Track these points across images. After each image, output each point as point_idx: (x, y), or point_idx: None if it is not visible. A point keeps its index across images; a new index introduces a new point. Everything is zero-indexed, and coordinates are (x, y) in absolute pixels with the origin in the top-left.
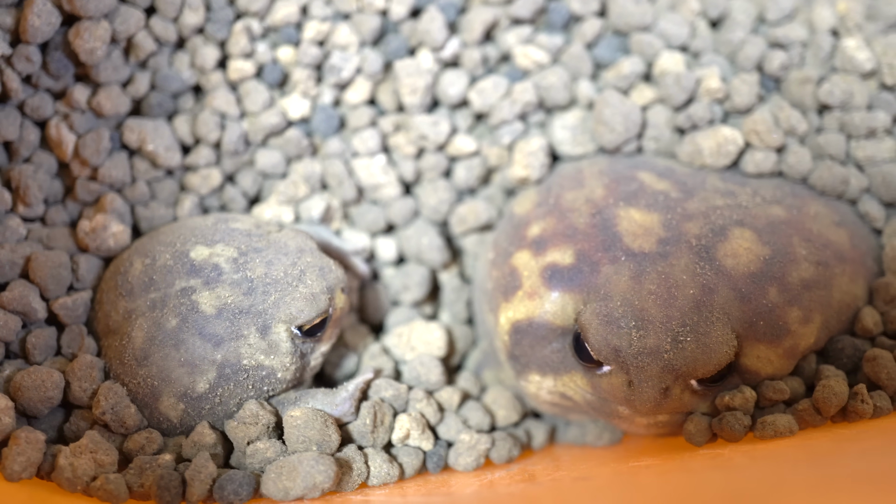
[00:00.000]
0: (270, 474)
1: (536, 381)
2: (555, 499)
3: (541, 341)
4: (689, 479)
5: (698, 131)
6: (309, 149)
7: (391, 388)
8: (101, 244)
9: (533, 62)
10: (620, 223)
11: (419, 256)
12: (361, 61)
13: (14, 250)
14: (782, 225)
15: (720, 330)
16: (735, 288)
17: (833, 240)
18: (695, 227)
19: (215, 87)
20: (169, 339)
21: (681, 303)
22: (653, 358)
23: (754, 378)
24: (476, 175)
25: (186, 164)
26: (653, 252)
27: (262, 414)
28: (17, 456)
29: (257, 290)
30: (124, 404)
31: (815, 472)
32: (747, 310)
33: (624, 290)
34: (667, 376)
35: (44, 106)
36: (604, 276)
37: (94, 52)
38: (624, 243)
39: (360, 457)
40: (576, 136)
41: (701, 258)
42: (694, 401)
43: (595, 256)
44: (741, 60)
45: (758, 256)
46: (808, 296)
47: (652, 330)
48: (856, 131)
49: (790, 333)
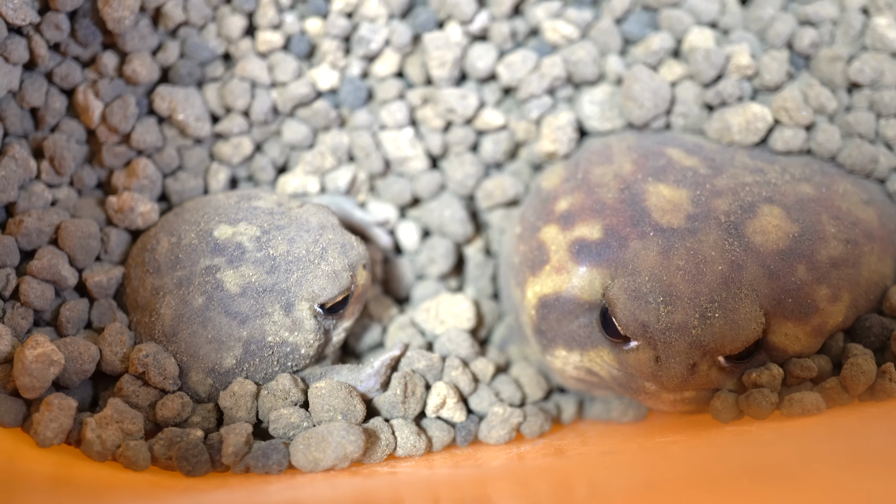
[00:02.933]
0: (299, 445)
1: (563, 356)
2: (582, 473)
3: (567, 316)
4: (715, 455)
5: (727, 108)
6: (337, 120)
7: (424, 359)
8: (129, 224)
9: (562, 36)
10: (649, 198)
11: (442, 229)
12: (390, 33)
13: (41, 218)
14: (811, 202)
15: (749, 307)
16: (764, 265)
17: (862, 218)
18: (724, 204)
19: (245, 55)
20: (196, 316)
21: (709, 279)
22: (681, 334)
23: (782, 355)
24: (503, 149)
25: (217, 132)
26: (681, 228)
27: (294, 391)
28: (50, 422)
29: (280, 269)
30: (164, 355)
31: (841, 449)
32: (776, 287)
33: (652, 265)
34: (694, 352)
35: (72, 73)
36: (632, 251)
37: (122, 20)
38: (653, 218)
39: (388, 428)
40: (604, 112)
41: (730, 234)
42: (721, 377)
43: (623, 231)
44: (771, 37)
45: (787, 234)
46: (837, 274)
47: (680, 306)
48: (885, 110)
49: (818, 311)
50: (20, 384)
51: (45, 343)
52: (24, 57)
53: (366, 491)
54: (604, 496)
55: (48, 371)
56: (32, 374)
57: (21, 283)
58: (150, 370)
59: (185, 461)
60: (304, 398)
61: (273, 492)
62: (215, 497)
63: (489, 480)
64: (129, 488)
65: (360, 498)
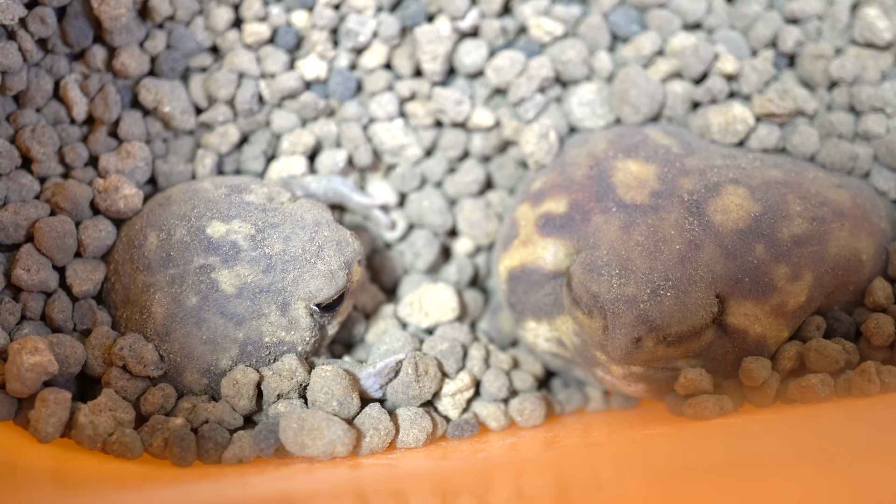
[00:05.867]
0: (292, 424)
1: (532, 328)
2: (569, 465)
3: (534, 286)
4: (702, 447)
5: (711, 106)
6: (326, 110)
7: (445, 342)
8: (111, 205)
9: (546, 32)
10: (616, 174)
11: (421, 220)
12: (378, 25)
13: (18, 212)
14: (778, 184)
15: (701, 292)
16: (721, 244)
17: (832, 198)
18: (689, 183)
19: (232, 47)
20: (190, 317)
21: (666, 257)
22: (629, 306)
23: (743, 337)
24: (492, 144)
25: (203, 122)
26: (644, 204)
27: (300, 371)
28: (49, 417)
29: (276, 268)
30: (140, 343)
31: (823, 440)
32: (732, 267)
33: (612, 239)
34: (641, 326)
35: (56, 65)
36: (594, 225)
37: (118, 18)
38: (617, 194)
39: (387, 418)
40: (594, 111)
41: (691, 213)
42: (668, 356)
43: (587, 206)
44: (754, 38)
45: (748, 213)
46: (799, 252)
47: (633, 279)
48: (861, 106)
49: (777, 290)
50: (10, 387)
51: (42, 351)
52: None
53: (354, 482)
54: (591, 488)
55: (41, 379)
56: (25, 381)
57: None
58: (129, 361)
59: (176, 448)
60: (307, 383)
61: (258, 483)
62: (201, 488)
63: (474, 472)
64: (117, 479)
65: (347, 488)
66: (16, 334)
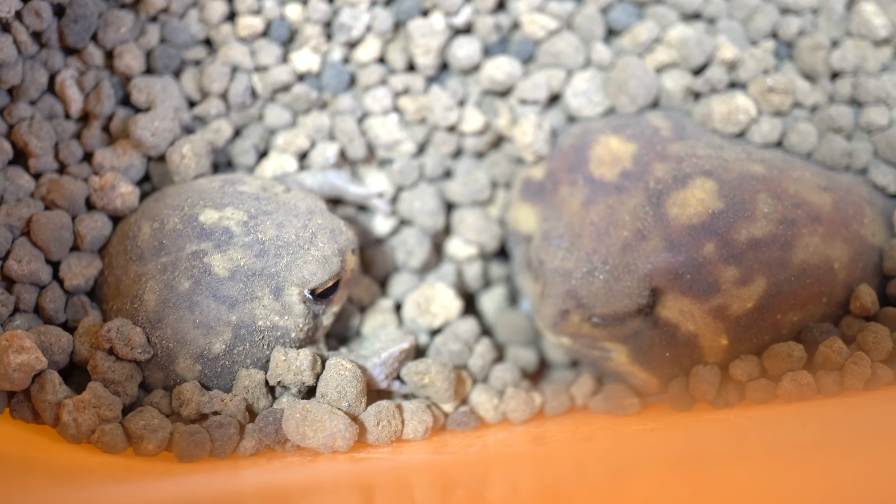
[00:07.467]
0: (296, 413)
1: (520, 279)
2: (560, 460)
3: (517, 245)
4: (693, 442)
5: (714, 95)
6: (318, 102)
7: (457, 343)
8: (107, 203)
9: (540, 27)
10: (595, 147)
11: (412, 220)
12: (371, 19)
13: (10, 213)
14: (753, 180)
15: (632, 282)
16: (668, 238)
17: (810, 200)
18: (661, 170)
19: (226, 40)
20: (183, 301)
21: (612, 241)
22: (563, 279)
23: (672, 332)
24: (485, 141)
25: (196, 115)
26: (610, 183)
27: (317, 364)
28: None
29: (269, 253)
30: (127, 326)
31: (816, 435)
32: (675, 262)
33: (572, 213)
34: (569, 301)
35: (51, 60)
36: (560, 196)
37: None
38: (588, 168)
39: (397, 412)
40: (590, 98)
41: (650, 202)
42: (595, 333)
43: (559, 176)
44: (753, 30)
45: (707, 209)
46: (754, 255)
47: (575, 256)
48: (866, 96)
49: (720, 292)
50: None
51: (29, 349)
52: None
53: (342, 475)
54: (580, 483)
55: (29, 377)
56: (14, 381)
57: None
58: (116, 343)
59: (183, 443)
60: (314, 382)
61: (249, 475)
62: (191, 480)
63: (464, 466)
64: (106, 472)
65: (337, 481)
66: (8, 326)
